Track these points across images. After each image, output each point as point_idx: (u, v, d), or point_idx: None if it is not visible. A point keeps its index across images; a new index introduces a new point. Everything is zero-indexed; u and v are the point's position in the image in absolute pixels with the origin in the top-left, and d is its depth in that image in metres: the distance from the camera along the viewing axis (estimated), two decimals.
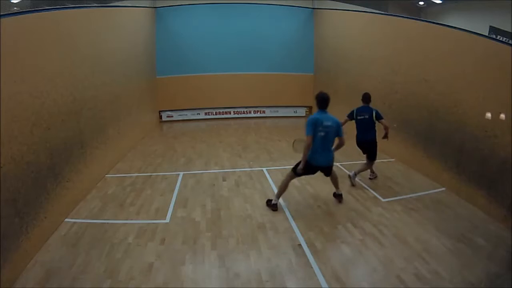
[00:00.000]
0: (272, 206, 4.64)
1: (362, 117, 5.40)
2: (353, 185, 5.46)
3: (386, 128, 5.23)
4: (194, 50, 11.12)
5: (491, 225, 4.13)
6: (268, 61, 11.56)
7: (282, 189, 4.65)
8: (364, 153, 5.59)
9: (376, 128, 5.42)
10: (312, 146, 4.25)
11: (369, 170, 5.73)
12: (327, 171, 4.63)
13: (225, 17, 11.17)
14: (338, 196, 4.86)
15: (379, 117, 5.30)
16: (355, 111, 5.46)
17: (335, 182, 4.83)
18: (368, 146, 5.48)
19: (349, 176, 5.55)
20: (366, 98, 5.48)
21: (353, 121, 5.48)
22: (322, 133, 4.24)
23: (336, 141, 4.47)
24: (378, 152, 5.54)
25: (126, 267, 3.37)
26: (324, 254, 3.59)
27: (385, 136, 5.29)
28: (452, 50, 5.22)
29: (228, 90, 11.58)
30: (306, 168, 4.37)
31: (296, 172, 4.48)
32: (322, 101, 4.33)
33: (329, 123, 4.27)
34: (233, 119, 11.78)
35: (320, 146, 4.29)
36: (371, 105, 5.48)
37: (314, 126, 4.23)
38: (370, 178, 5.73)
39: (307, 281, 3.17)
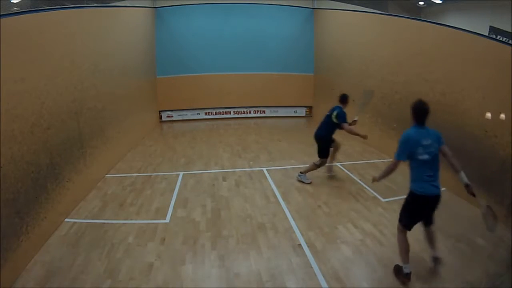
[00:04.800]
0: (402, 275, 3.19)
1: (328, 113, 5.40)
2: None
3: (350, 132, 5.21)
4: (194, 50, 11.11)
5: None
6: (268, 61, 11.55)
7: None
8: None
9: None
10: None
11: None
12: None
13: (225, 17, 11.16)
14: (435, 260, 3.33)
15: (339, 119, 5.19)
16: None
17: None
18: (316, 141, 5.49)
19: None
20: (341, 99, 5.44)
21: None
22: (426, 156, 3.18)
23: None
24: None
25: (126, 267, 3.37)
26: (324, 254, 3.59)
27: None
28: (452, 50, 5.21)
29: (228, 90, 11.57)
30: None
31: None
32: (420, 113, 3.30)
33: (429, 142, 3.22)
34: (233, 119, 11.78)
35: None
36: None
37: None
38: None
39: (307, 281, 3.17)
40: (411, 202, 3.23)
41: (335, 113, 5.21)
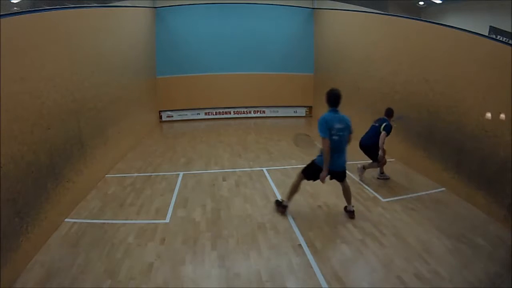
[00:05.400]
0: (281, 207, 4.49)
1: (376, 124, 5.56)
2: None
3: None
4: (194, 50, 11.11)
5: (491, 225, 4.13)
6: (268, 61, 11.56)
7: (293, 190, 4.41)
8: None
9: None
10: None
11: (378, 169, 5.83)
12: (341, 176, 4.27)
13: (225, 17, 11.17)
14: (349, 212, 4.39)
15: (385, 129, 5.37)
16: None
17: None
18: (365, 150, 5.67)
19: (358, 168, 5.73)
20: (387, 112, 5.61)
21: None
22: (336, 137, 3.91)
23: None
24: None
25: (126, 267, 3.37)
26: (324, 254, 3.59)
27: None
28: (452, 50, 5.22)
29: (228, 90, 11.58)
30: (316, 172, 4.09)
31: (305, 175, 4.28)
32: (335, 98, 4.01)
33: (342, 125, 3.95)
34: (233, 119, 11.78)
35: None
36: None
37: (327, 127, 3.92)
38: (378, 178, 5.79)
39: (307, 281, 3.17)
40: (313, 169, 4.10)
41: (383, 125, 5.38)
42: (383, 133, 5.33)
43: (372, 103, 7.61)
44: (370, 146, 5.51)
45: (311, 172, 4.19)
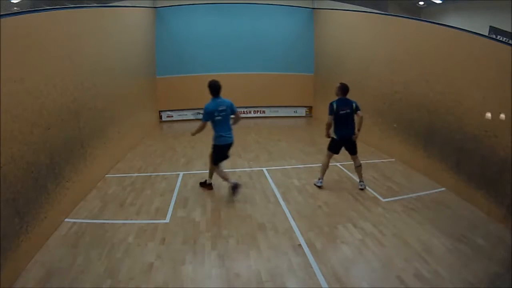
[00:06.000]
0: (207, 185, 5.36)
1: (344, 111, 5.05)
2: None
3: (360, 122, 5.06)
4: (194, 50, 11.10)
5: (491, 225, 4.13)
6: (268, 61, 11.54)
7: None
8: (346, 149, 5.31)
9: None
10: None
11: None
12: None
13: (225, 17, 11.17)
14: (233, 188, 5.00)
15: (358, 109, 5.07)
16: (335, 105, 5.07)
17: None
18: (350, 141, 5.20)
19: (361, 189, 5.28)
20: (346, 90, 5.12)
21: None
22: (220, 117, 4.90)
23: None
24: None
25: (126, 267, 3.37)
26: (324, 254, 3.59)
27: (358, 130, 5.11)
28: (452, 50, 5.21)
29: (228, 90, 11.49)
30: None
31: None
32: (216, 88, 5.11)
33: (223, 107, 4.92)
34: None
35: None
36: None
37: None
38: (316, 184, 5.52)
39: (307, 281, 3.17)
40: (217, 150, 5.09)
41: (354, 105, 5.07)
42: (360, 112, 5.05)
43: (372, 103, 7.62)
44: (353, 135, 5.17)
45: (217, 155, 5.10)
